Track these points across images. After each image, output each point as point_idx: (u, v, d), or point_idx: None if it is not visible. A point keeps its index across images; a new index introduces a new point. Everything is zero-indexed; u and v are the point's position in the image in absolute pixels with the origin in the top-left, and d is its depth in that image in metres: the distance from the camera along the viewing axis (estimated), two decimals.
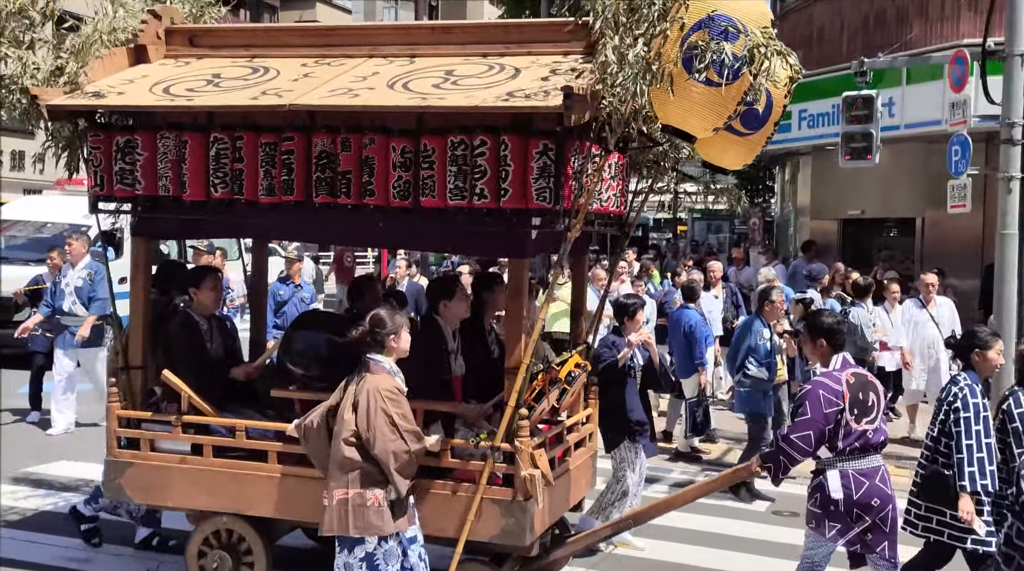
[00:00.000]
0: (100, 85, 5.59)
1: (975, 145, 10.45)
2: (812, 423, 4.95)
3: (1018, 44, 9.43)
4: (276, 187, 5.25)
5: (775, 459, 5.07)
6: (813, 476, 5.16)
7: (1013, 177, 9.47)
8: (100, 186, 5.56)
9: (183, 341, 5.78)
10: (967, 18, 13.81)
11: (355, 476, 4.77)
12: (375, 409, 4.74)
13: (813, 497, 5.09)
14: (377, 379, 4.83)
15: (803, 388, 5.13)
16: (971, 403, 5.25)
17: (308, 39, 6.03)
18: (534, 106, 4.64)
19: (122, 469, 5.69)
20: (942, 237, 14.88)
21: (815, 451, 5.02)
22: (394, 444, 4.75)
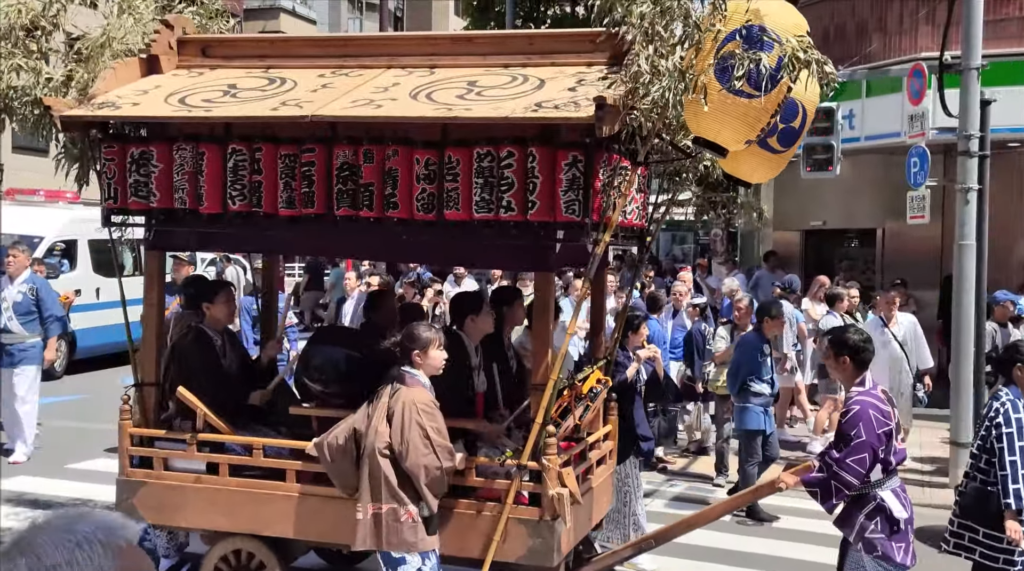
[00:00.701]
0: (113, 96, 5.47)
1: (933, 157, 10.63)
2: (867, 445, 4.82)
3: (974, 58, 9.53)
4: (296, 199, 5.13)
5: (825, 484, 4.92)
6: (855, 503, 5.02)
7: (970, 188, 9.57)
8: (114, 199, 5.44)
9: (197, 357, 5.66)
10: (925, 32, 13.92)
11: (388, 491, 4.67)
12: (409, 421, 4.64)
13: (872, 522, 4.92)
14: (413, 392, 4.73)
15: (849, 409, 4.99)
16: (1013, 418, 5.16)
17: (324, 50, 5.93)
18: (565, 117, 4.55)
19: (135, 489, 5.56)
20: (902, 247, 15.00)
21: (869, 473, 4.89)
22: (426, 458, 4.65)
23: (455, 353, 5.41)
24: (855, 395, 5.07)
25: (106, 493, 8.35)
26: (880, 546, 4.96)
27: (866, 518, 4.99)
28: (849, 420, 4.96)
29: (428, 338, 4.83)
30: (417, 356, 4.81)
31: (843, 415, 5.04)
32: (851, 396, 5.09)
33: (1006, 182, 12.02)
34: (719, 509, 5.50)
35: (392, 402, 4.76)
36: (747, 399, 8.66)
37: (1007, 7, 13.33)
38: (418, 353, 4.81)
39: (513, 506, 4.98)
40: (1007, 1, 13.33)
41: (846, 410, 5.04)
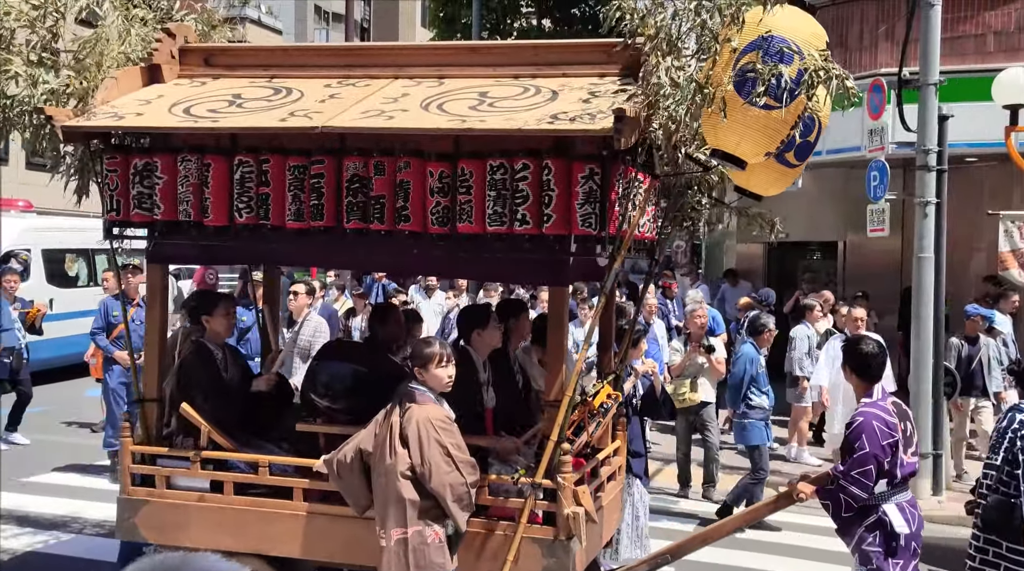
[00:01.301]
0: (116, 105, 5.36)
1: (893, 171, 10.83)
2: (870, 457, 4.80)
3: (932, 74, 9.68)
4: (305, 212, 5.03)
5: (835, 497, 4.89)
6: (859, 514, 4.97)
7: (928, 202, 9.70)
8: (116, 211, 5.31)
9: (198, 372, 5.53)
10: (884, 48, 14.08)
11: (413, 513, 4.57)
12: (428, 441, 4.54)
13: (872, 535, 4.90)
14: (426, 409, 4.63)
15: (853, 421, 4.96)
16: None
17: (330, 59, 5.83)
18: (583, 129, 4.47)
19: (136, 507, 5.42)
20: (863, 260, 15.13)
21: (875, 485, 4.85)
22: (450, 476, 4.55)
23: (463, 368, 5.31)
24: (860, 407, 5.06)
25: (60, 507, 8.32)
26: (875, 560, 4.92)
27: (865, 530, 4.97)
28: (853, 432, 4.95)
29: (429, 354, 4.73)
30: (418, 372, 4.72)
31: (848, 427, 5.02)
32: (857, 408, 5.06)
33: (963, 196, 12.14)
34: (733, 523, 5.43)
35: (405, 421, 4.66)
36: (747, 414, 8.62)
37: (964, 25, 13.50)
38: (418, 369, 4.72)
39: (527, 525, 4.89)
40: (964, 20, 13.50)
41: (851, 422, 5.03)
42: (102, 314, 9.65)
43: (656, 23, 4.46)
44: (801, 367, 11.03)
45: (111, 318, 9.60)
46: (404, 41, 31.26)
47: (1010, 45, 13.24)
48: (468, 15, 22.01)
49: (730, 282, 16.38)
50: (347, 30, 24.73)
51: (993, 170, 12.82)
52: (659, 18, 4.44)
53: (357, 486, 4.84)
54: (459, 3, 23.18)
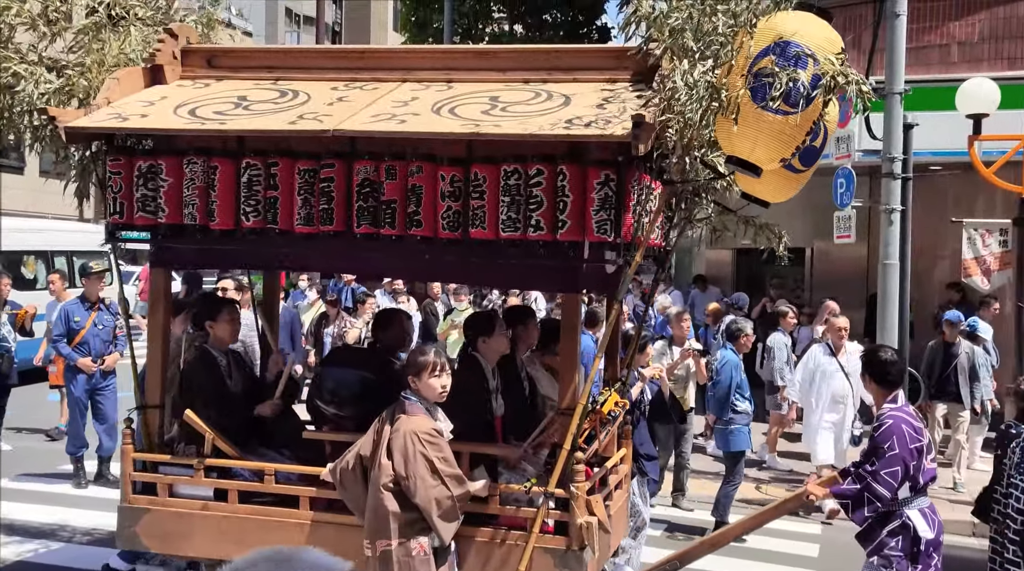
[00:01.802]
0: (119, 106, 5.27)
1: (859, 178, 10.88)
2: (899, 459, 4.83)
3: (897, 83, 9.76)
4: (314, 216, 4.95)
5: (859, 495, 4.89)
6: (881, 518, 4.95)
7: (894, 209, 9.80)
8: (120, 214, 5.21)
9: (202, 378, 5.44)
10: (851, 58, 14.08)
11: (397, 526, 4.49)
12: (414, 454, 4.47)
13: (894, 539, 4.89)
14: (413, 421, 4.55)
15: (881, 423, 4.96)
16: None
17: (336, 62, 5.76)
18: (601, 135, 4.42)
19: (137, 516, 5.32)
20: (830, 266, 15.26)
21: (900, 488, 4.85)
22: (436, 490, 4.47)
23: (472, 376, 5.26)
24: (887, 410, 5.06)
25: (46, 515, 8.16)
26: (896, 564, 4.91)
27: (888, 535, 4.95)
28: (882, 433, 4.94)
29: (423, 363, 4.65)
30: (411, 380, 4.65)
31: (875, 428, 5.03)
32: (883, 412, 5.07)
33: (927, 204, 12.32)
34: (743, 527, 5.39)
35: (393, 432, 4.59)
36: (733, 420, 8.60)
37: (929, 36, 13.63)
38: (412, 377, 4.65)
39: (538, 535, 4.83)
40: (929, 30, 13.63)
41: (879, 424, 5.02)
42: (63, 320, 9.40)
43: (671, 27, 4.41)
44: (782, 376, 11.08)
45: (72, 324, 9.37)
46: (375, 44, 31.16)
47: (974, 56, 13.37)
48: (440, 19, 21.96)
49: (699, 288, 16.50)
50: (318, 33, 24.67)
51: (957, 178, 12.94)
52: (673, 21, 4.38)
53: (360, 494, 4.77)
54: (431, 7, 23.16)
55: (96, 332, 9.43)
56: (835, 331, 9.74)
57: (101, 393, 9.47)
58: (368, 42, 40.06)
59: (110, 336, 9.52)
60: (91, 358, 9.34)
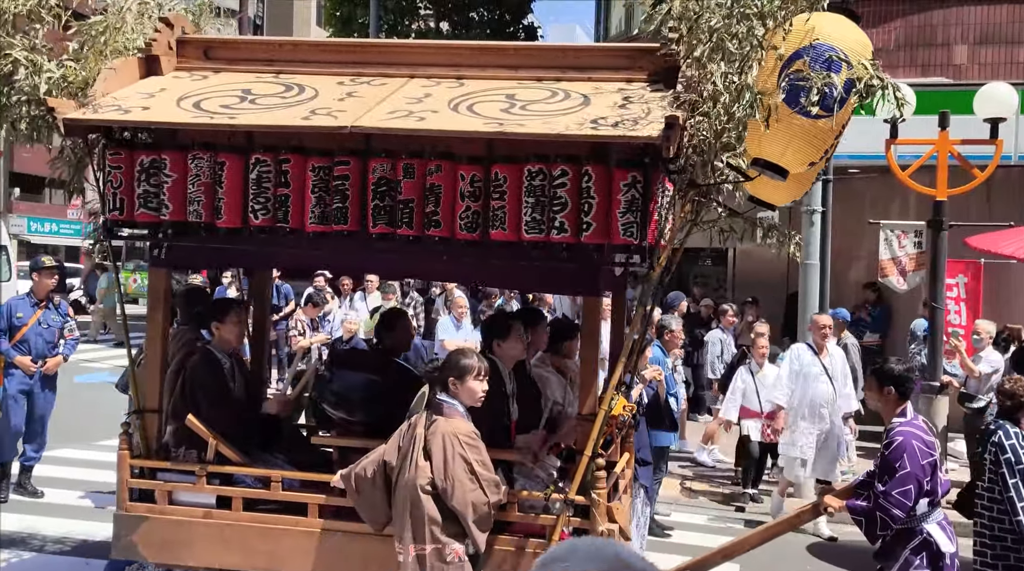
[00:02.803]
0: (118, 98, 5.06)
1: None
2: (912, 477, 4.75)
3: None
4: (328, 215, 4.80)
5: (871, 515, 4.83)
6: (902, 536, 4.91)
7: (815, 210, 10.09)
8: (119, 210, 5.00)
9: (206, 381, 5.25)
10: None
11: (432, 529, 4.36)
12: (452, 456, 4.35)
13: (918, 557, 4.84)
14: (453, 423, 4.44)
15: (892, 440, 4.90)
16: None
17: (340, 56, 5.58)
18: (633, 135, 4.32)
19: (135, 524, 5.12)
20: (751, 267, 15.48)
21: (915, 505, 4.80)
22: (473, 494, 4.36)
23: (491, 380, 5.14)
24: (897, 426, 4.98)
25: (11, 523, 7.82)
26: None
27: (912, 553, 4.90)
28: (893, 451, 4.87)
29: (467, 366, 4.54)
30: (452, 383, 4.53)
31: (886, 446, 4.95)
32: (893, 427, 5.00)
33: (846, 206, 12.56)
34: (759, 537, 5.33)
35: (429, 434, 4.46)
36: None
37: None
38: (453, 380, 4.53)
39: (556, 543, 4.73)
40: None
41: (889, 441, 4.95)
42: (5, 315, 8.78)
43: (711, 28, 4.33)
44: (713, 369, 11.29)
45: (15, 320, 8.77)
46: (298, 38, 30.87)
47: (890, 62, 13.57)
48: (365, 15, 21.78)
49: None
50: (240, 26, 24.39)
51: (874, 181, 13.17)
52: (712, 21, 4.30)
53: (377, 501, 4.63)
54: (355, 3, 22.96)
55: (39, 331, 8.76)
56: (817, 329, 9.15)
57: (36, 398, 8.76)
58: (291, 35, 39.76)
59: (55, 337, 8.87)
60: (31, 358, 8.66)
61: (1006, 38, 13.55)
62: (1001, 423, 5.41)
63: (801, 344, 9.41)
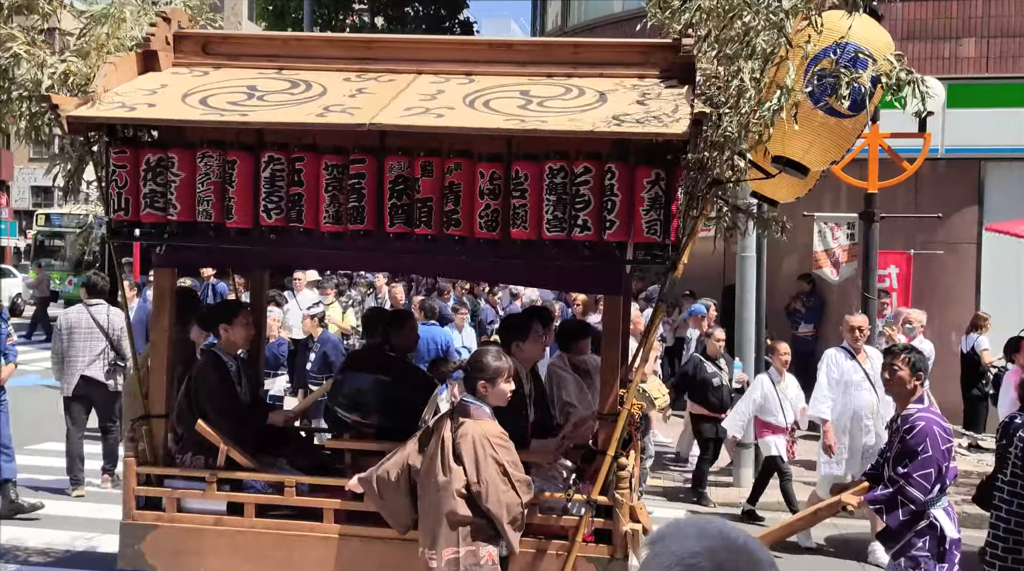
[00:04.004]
0: (120, 94, 4.90)
1: None
2: (933, 460, 4.85)
3: None
4: (343, 214, 4.70)
5: (892, 499, 4.89)
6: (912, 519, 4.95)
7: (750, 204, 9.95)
8: (124, 210, 4.85)
9: (213, 385, 5.13)
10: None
11: (466, 532, 4.30)
12: (484, 458, 4.28)
13: (922, 539, 4.91)
14: (483, 425, 4.37)
15: (913, 425, 4.95)
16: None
17: (345, 51, 5.47)
18: (659, 132, 4.28)
19: (142, 533, 4.98)
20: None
21: (933, 489, 4.87)
22: (507, 495, 4.30)
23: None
24: (916, 412, 5.05)
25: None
26: (924, 564, 4.93)
27: (915, 535, 4.97)
28: (916, 435, 4.94)
29: (498, 368, 4.47)
30: (483, 386, 4.46)
31: (908, 431, 5.00)
32: (911, 413, 5.06)
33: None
34: (778, 533, 5.34)
35: (458, 437, 4.39)
36: None
37: None
38: (484, 383, 4.46)
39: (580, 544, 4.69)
40: None
41: (910, 427, 5.00)
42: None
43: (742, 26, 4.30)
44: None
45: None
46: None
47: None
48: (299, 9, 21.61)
49: None
50: None
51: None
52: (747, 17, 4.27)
53: (401, 505, 4.56)
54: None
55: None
56: (851, 331, 8.11)
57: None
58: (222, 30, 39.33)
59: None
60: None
61: (932, 34, 13.75)
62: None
63: (836, 349, 8.43)
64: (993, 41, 13.49)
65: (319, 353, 9.97)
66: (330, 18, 23.62)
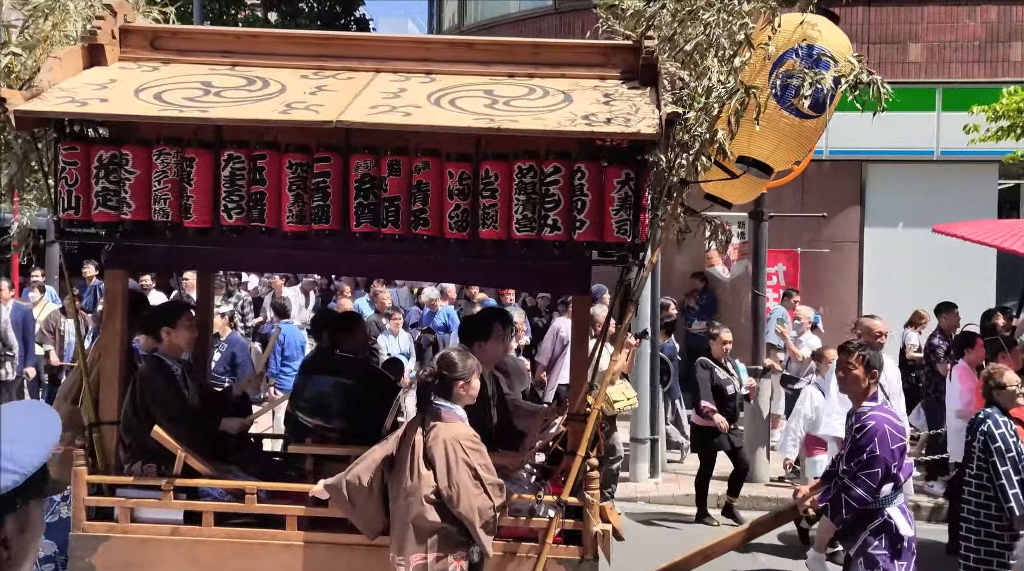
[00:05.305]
0: (67, 89, 4.71)
1: None
2: (880, 460, 4.89)
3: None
4: (307, 213, 4.59)
5: (836, 498, 4.95)
6: (864, 518, 5.04)
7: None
8: (75, 209, 4.66)
9: (160, 391, 4.95)
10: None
11: (435, 539, 4.23)
12: (456, 462, 4.22)
13: (877, 539, 4.99)
14: (453, 428, 4.31)
15: (864, 424, 5.02)
16: None
17: (301, 48, 5.35)
18: (635, 132, 4.28)
19: (93, 545, 4.78)
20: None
21: (880, 489, 4.94)
22: (479, 499, 4.25)
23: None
24: (869, 410, 5.10)
25: None
26: (882, 563, 5.02)
27: (871, 534, 5.04)
28: (865, 435, 4.99)
29: (471, 366, 4.43)
30: (462, 387, 4.40)
31: (858, 430, 5.06)
32: (864, 411, 5.11)
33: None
34: (738, 537, 5.39)
35: (430, 441, 4.33)
36: None
37: None
38: (463, 384, 4.40)
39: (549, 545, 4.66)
40: None
41: (861, 425, 5.06)
42: None
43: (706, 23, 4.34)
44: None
45: None
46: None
47: None
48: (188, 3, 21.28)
49: None
50: None
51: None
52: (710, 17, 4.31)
53: (374, 511, 4.47)
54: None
55: None
56: (872, 336, 7.15)
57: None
58: None
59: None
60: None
61: None
62: (990, 412, 5.62)
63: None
64: (873, 47, 13.93)
65: (226, 353, 9.77)
66: (221, 12, 23.20)
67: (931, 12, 14.27)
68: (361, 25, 26.81)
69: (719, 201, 5.93)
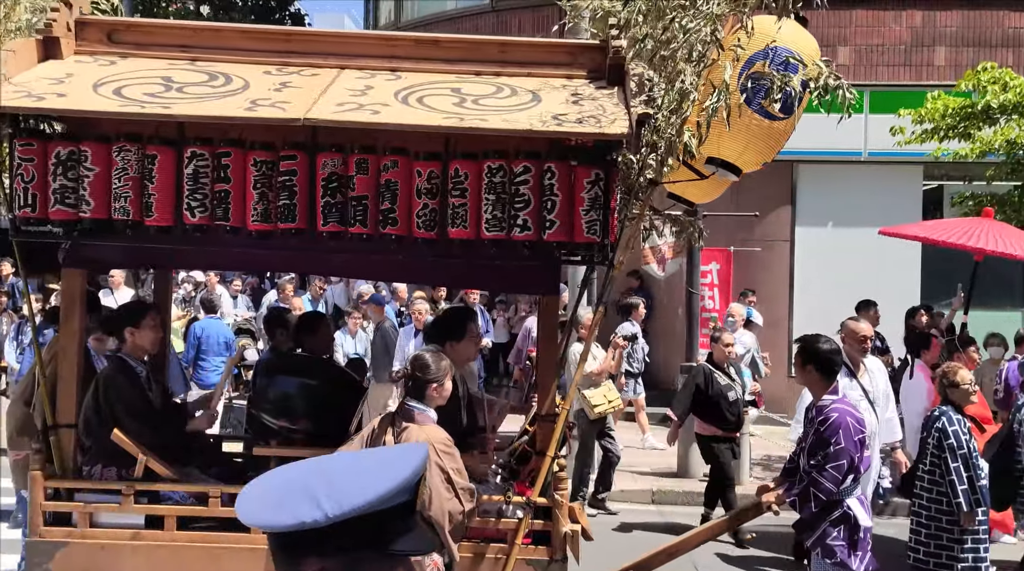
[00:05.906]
0: (21, 83, 4.58)
1: None
2: (845, 452, 4.97)
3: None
4: (272, 212, 4.52)
5: (804, 492, 5.01)
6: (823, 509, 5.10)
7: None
8: (31, 207, 4.53)
9: (124, 393, 4.84)
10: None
11: None
12: (429, 465, 4.17)
13: (836, 529, 5.06)
14: (427, 430, 4.27)
15: (827, 417, 5.07)
16: None
17: (263, 43, 5.24)
18: (604, 132, 4.27)
19: (51, 551, 4.66)
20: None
21: (845, 480, 5.01)
22: (450, 503, 4.21)
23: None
24: (830, 403, 5.16)
25: None
26: (839, 553, 5.10)
27: (830, 525, 5.12)
28: (829, 428, 5.05)
29: (445, 368, 4.39)
30: (436, 389, 4.36)
31: (822, 422, 5.11)
32: (826, 404, 5.16)
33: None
34: (701, 535, 5.41)
35: (401, 442, 4.28)
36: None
37: None
38: (436, 386, 4.36)
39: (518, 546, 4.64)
40: None
41: (824, 418, 5.11)
42: None
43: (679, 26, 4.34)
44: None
45: None
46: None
47: None
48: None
49: None
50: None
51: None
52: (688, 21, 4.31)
53: None
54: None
55: None
56: (856, 340, 6.66)
57: None
58: None
59: None
60: None
61: None
62: (945, 409, 5.73)
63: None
64: None
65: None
66: (152, 4, 22.80)
67: (859, 16, 14.53)
68: (296, 20, 26.50)
69: (682, 200, 5.96)
